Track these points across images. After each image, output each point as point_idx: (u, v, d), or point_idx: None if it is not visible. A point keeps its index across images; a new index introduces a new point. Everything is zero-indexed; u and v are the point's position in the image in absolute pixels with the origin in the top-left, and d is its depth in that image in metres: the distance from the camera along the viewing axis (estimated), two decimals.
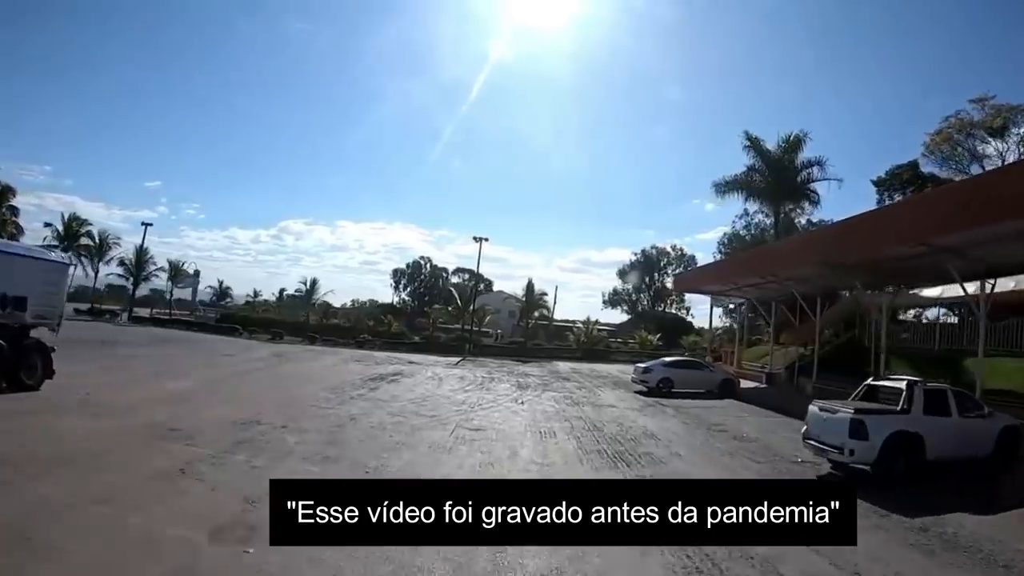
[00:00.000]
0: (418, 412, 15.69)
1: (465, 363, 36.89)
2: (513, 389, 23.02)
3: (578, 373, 33.73)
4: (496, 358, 43.17)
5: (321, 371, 26.00)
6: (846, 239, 21.09)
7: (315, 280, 59.51)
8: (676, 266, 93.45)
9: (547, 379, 28.55)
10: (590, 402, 20.74)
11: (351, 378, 23.29)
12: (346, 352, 39.75)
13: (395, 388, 21.28)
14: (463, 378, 26.37)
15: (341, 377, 23.50)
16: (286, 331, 53.67)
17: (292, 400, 16.21)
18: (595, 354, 47.44)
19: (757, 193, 44.89)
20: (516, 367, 35.47)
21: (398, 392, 20.04)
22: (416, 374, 27.11)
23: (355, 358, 34.64)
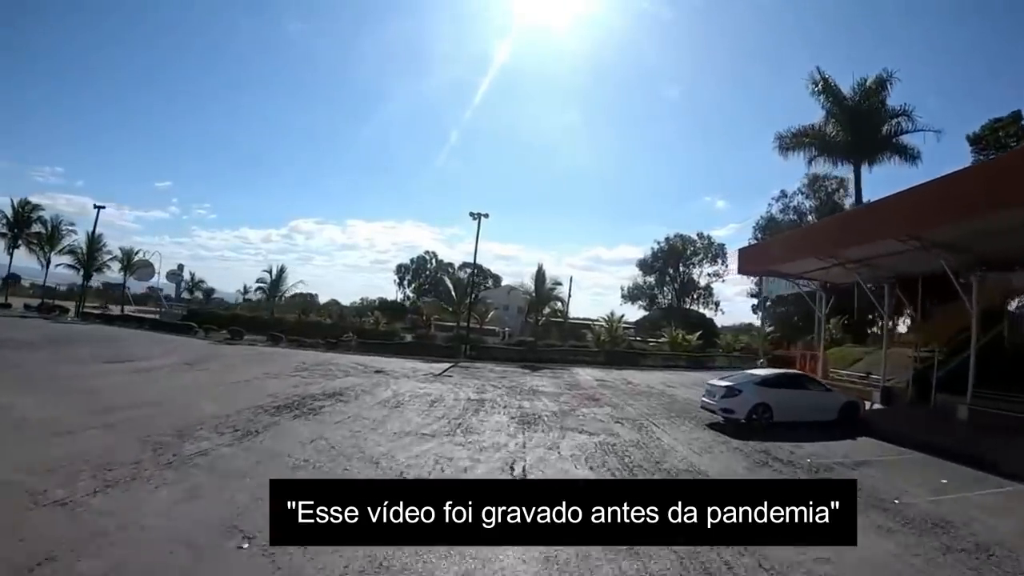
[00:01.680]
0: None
1: (456, 371, 27.60)
2: (512, 427, 13.71)
3: (608, 387, 24.25)
4: (499, 363, 33.87)
5: (217, 389, 16.88)
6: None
7: (282, 269, 49.88)
8: (703, 256, 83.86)
9: (566, 401, 19.13)
10: (654, 460, 11.26)
11: (251, 403, 14.33)
12: (307, 356, 30.65)
13: (303, 429, 12.07)
14: (437, 401, 17.05)
15: (234, 403, 14.29)
16: (254, 329, 45.44)
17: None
18: (621, 357, 38.00)
19: (830, 148, 35.23)
20: (522, 378, 26.12)
21: (293, 443, 10.78)
22: (370, 393, 17.93)
23: (307, 365, 25.46)
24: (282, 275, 46.24)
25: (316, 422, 12.87)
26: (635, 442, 12.68)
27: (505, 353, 36.81)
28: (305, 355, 31.53)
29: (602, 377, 28.69)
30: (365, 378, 22.09)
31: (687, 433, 14.34)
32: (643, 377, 29.82)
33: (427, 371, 26.47)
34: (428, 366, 29.38)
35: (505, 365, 32.61)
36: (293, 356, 30.24)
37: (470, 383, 22.36)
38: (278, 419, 12.85)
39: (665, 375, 31.76)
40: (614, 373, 31.54)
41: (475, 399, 17.86)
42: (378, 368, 26.28)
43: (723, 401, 15.51)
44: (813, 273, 25.72)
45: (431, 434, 12.25)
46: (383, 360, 31.45)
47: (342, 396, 16.86)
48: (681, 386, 26.25)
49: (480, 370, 28.62)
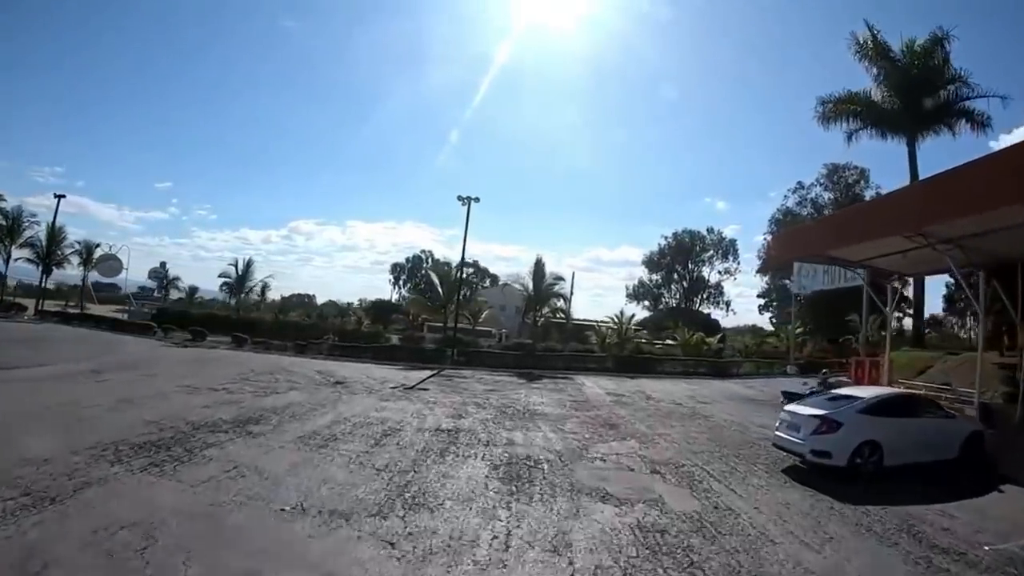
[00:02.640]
0: None
1: (436, 382, 22.50)
2: (492, 491, 8.52)
3: (625, 404, 19.12)
4: (491, 370, 28.77)
5: (88, 411, 11.86)
6: None
7: (249, 262, 44.47)
8: (713, 253, 78.78)
9: (574, 431, 13.94)
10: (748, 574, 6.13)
11: (109, 436, 9.67)
12: (262, 361, 25.68)
13: (124, 501, 6.95)
14: (391, 434, 11.93)
15: (85, 436, 9.43)
16: (226, 329, 40.89)
17: None
18: (631, 363, 32.79)
19: (880, 117, 30.14)
20: (516, 391, 20.99)
21: (69, 547, 5.65)
22: (303, 419, 12.87)
23: (250, 374, 20.47)
24: (249, 269, 41.00)
25: (168, 480, 7.84)
26: (696, 519, 7.58)
27: (499, 358, 31.70)
28: (261, 360, 26.48)
29: (614, 389, 23.54)
30: (311, 393, 16.99)
31: (768, 493, 9.20)
32: (663, 388, 24.71)
33: (400, 382, 21.38)
34: (404, 375, 24.29)
35: (498, 373, 27.50)
36: (245, 362, 25.19)
37: (448, 401, 17.24)
38: (113, 471, 7.90)
39: (688, 386, 26.63)
40: (627, 383, 26.41)
41: (447, 429, 12.70)
42: (339, 378, 21.22)
43: (815, 440, 10.34)
44: (875, 260, 20.61)
45: (347, 512, 7.11)
46: (353, 367, 26.42)
47: (257, 425, 11.77)
48: (714, 401, 21.17)
49: (466, 380, 23.50)
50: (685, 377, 31.71)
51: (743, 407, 19.95)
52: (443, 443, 11.19)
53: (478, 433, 12.38)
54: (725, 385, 28.19)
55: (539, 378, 26.29)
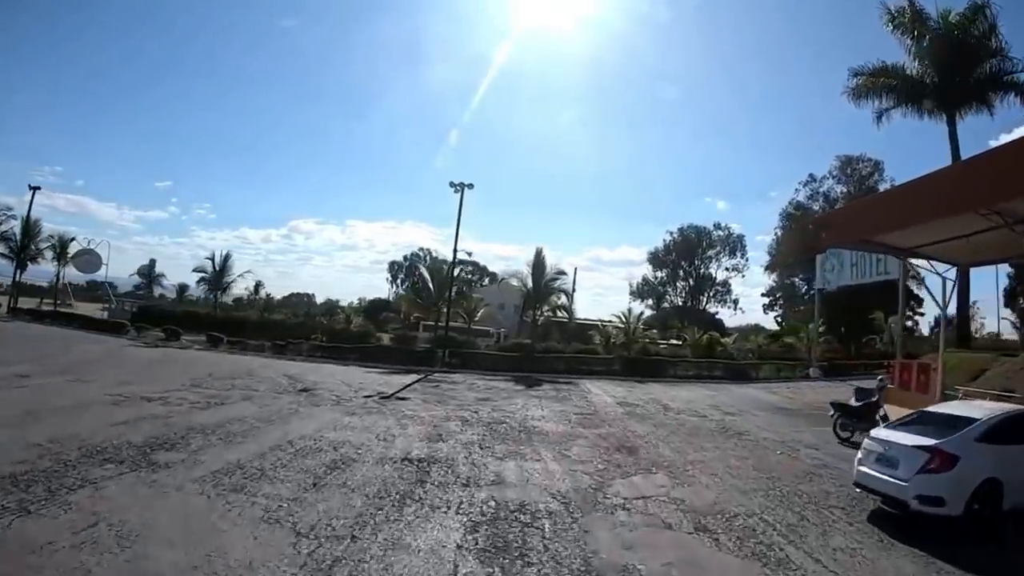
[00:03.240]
0: None
1: (420, 389, 19.66)
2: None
3: (641, 418, 16.20)
4: (486, 374, 25.94)
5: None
6: None
7: (227, 256, 41.31)
8: (720, 249, 75.73)
9: (582, 458, 11.02)
10: None
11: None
12: (230, 362, 23.02)
13: None
14: (342, 466, 9.08)
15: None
16: (207, 328, 38.08)
17: None
18: (640, 366, 29.85)
19: (914, 92, 27.24)
20: (512, 401, 18.09)
21: None
22: (237, 442, 10.10)
23: (207, 379, 17.84)
24: (227, 264, 37.95)
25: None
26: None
27: (495, 360, 28.80)
28: (230, 362, 23.73)
29: (625, 397, 20.67)
30: (265, 405, 14.15)
31: (868, 562, 6.31)
32: (679, 396, 21.84)
33: (376, 389, 18.51)
34: (385, 379, 21.46)
35: (493, 377, 24.61)
36: (209, 364, 22.49)
37: (429, 415, 14.33)
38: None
39: (706, 392, 23.78)
40: (638, 389, 23.55)
41: (418, 459, 9.77)
42: (308, 385, 18.40)
43: (923, 481, 7.36)
44: (928, 248, 17.71)
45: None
46: (331, 370, 23.60)
47: (169, 451, 8.96)
48: (742, 412, 18.29)
49: (456, 387, 20.60)
50: (699, 382, 28.84)
51: (778, 420, 17.05)
52: (408, 483, 8.28)
53: (458, 465, 9.45)
54: (746, 391, 25.30)
55: (539, 383, 23.40)
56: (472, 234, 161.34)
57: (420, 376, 23.44)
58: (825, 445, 13.45)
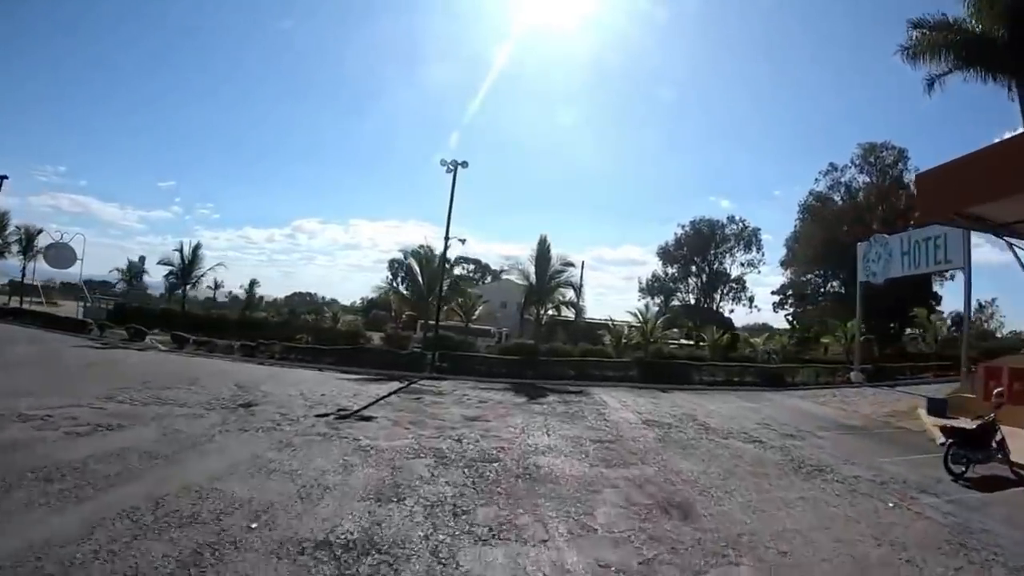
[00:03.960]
0: None
1: (397, 403, 15.81)
2: None
3: (680, 445, 12.28)
4: (482, 381, 22.15)
5: None
6: None
7: (197, 246, 36.84)
8: (735, 243, 71.62)
9: (619, 538, 7.24)
10: None
11: None
12: (187, 366, 19.34)
13: None
14: (209, 557, 5.13)
15: None
16: (180, 327, 34.21)
17: None
18: (659, 371, 25.94)
19: (978, 52, 23.28)
20: (510, 421, 14.12)
21: None
22: (46, 506, 6.05)
23: (146, 386, 14.09)
24: (196, 255, 33.83)
25: None
26: None
27: (492, 365, 24.89)
28: (180, 365, 20.13)
29: (652, 413, 16.78)
30: (177, 430, 10.35)
31: None
32: (717, 410, 17.95)
33: (339, 404, 14.66)
34: (358, 388, 17.67)
35: (489, 386, 20.75)
36: (155, 367, 19.05)
37: (392, 446, 10.41)
38: None
39: (747, 404, 19.91)
40: (664, 401, 19.71)
41: (344, 542, 5.87)
42: (253, 398, 14.64)
43: None
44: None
45: None
46: (297, 376, 19.83)
47: None
48: (803, 433, 14.37)
49: (441, 400, 16.69)
50: (731, 388, 24.98)
51: (852, 444, 13.15)
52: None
53: (408, 560, 5.54)
54: (789, 401, 21.46)
55: (544, 394, 19.53)
56: (477, 233, 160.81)
57: (402, 384, 19.61)
58: (937, 485, 9.62)
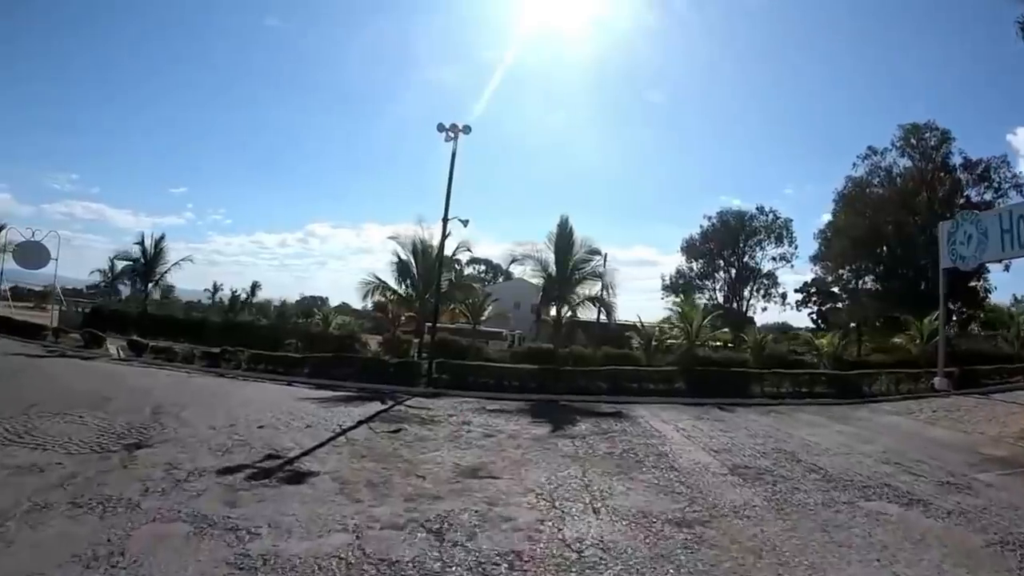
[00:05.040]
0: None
1: (360, 441, 10.96)
2: None
3: (830, 529, 7.28)
4: (489, 398, 17.33)
5: None
6: None
7: (162, 238, 31.28)
8: (765, 236, 66.30)
9: None
10: None
11: None
12: (110, 378, 14.72)
13: None
14: None
15: None
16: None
17: None
18: (707, 380, 21.01)
19: None
20: (527, 474, 9.21)
21: None
22: None
23: (22, 415, 9.33)
24: (159, 248, 28.83)
25: None
26: None
27: (503, 375, 19.95)
28: (105, 379, 15.50)
29: (730, 450, 11.81)
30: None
31: None
32: (817, 442, 13.00)
33: (284, 440, 9.96)
34: (321, 413, 12.89)
35: (498, 407, 15.73)
36: (67, 383, 14.27)
37: (316, 551, 5.63)
38: None
39: (845, 429, 14.91)
40: (733, 425, 14.83)
41: None
42: (154, 433, 9.91)
43: None
44: None
45: None
46: (246, 394, 15.16)
47: None
48: (962, 482, 9.34)
49: (430, 436, 11.67)
50: (799, 402, 20.04)
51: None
52: None
53: None
54: (888, 420, 16.54)
55: (572, 417, 14.61)
56: (488, 236, 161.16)
57: (384, 406, 14.79)
58: None
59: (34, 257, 42.48)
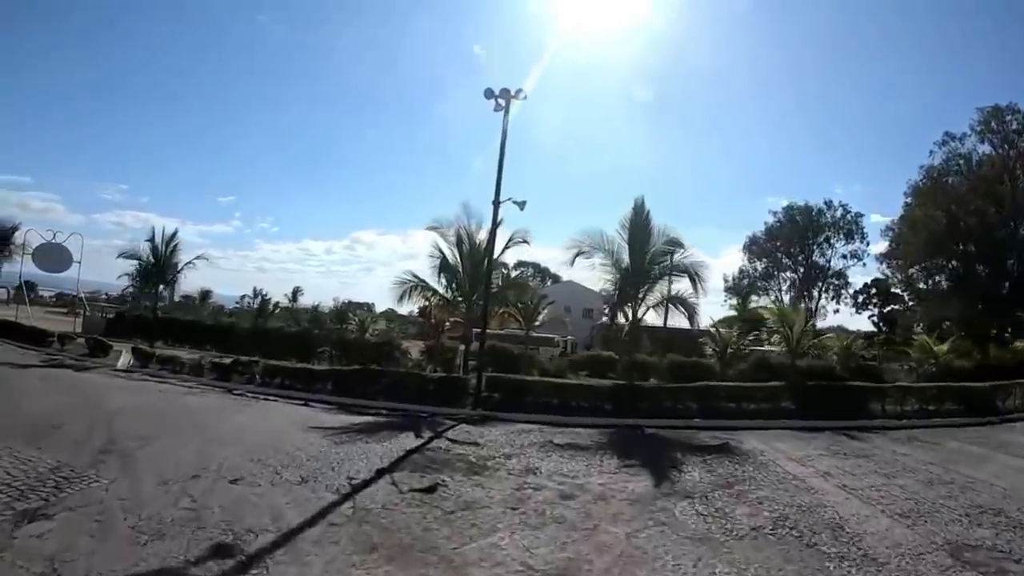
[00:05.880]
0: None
1: (371, 514, 7.32)
2: None
3: None
4: (554, 425, 13.52)
5: None
6: None
7: (174, 234, 26.86)
8: (834, 233, 60.75)
9: None
10: None
11: None
12: (82, 396, 11.35)
13: None
14: None
15: None
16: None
17: None
18: (822, 397, 16.84)
19: None
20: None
21: None
22: None
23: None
24: (172, 247, 25.40)
25: None
26: None
27: (568, 394, 16.08)
28: (94, 394, 12.48)
29: (931, 518, 7.85)
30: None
31: None
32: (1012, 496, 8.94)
33: (260, 513, 6.37)
34: (332, 453, 9.31)
35: (570, 440, 11.87)
36: (49, 395, 11.48)
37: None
38: None
39: None
40: (887, 462, 10.93)
41: None
42: (61, 495, 6.37)
43: None
44: None
45: None
46: (252, 417, 11.79)
47: None
48: None
49: (482, 500, 7.91)
50: (929, 422, 16.00)
51: None
52: None
53: None
54: None
55: (674, 460, 10.65)
56: (536, 237, 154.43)
57: (417, 442, 11.12)
58: None
59: (55, 260, 39.90)
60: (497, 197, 16.48)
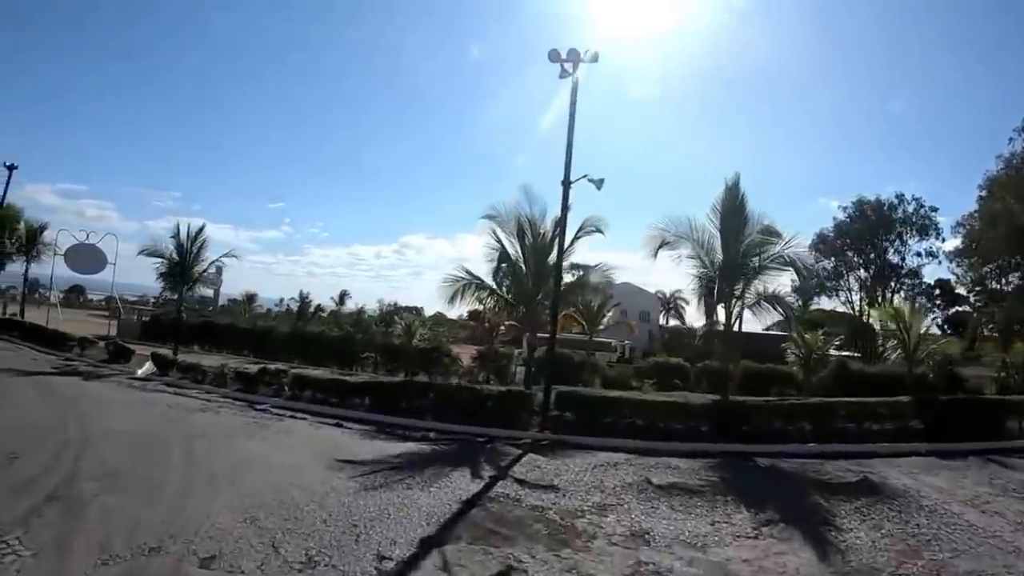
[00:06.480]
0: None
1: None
2: None
3: None
4: (645, 454, 10.79)
5: None
6: None
7: (200, 230, 23.72)
8: (908, 228, 55.90)
9: None
10: None
11: None
12: (47, 419, 9.25)
13: None
14: None
15: None
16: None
17: None
18: (950, 415, 13.64)
19: None
20: None
21: None
22: None
23: None
24: (199, 243, 23.11)
25: None
26: None
27: (654, 414, 13.18)
28: (84, 412, 10.28)
29: None
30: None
31: None
32: None
33: None
34: (359, 512, 6.77)
35: (675, 483, 9.12)
36: (35, 411, 9.63)
37: None
38: None
39: None
40: None
41: None
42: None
43: None
44: None
45: None
46: (265, 450, 9.42)
47: None
48: None
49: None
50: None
51: None
52: None
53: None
54: None
55: (817, 511, 7.87)
56: (588, 238, 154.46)
57: (476, 485, 8.53)
58: None
59: (88, 261, 38.30)
60: (567, 176, 13.68)
